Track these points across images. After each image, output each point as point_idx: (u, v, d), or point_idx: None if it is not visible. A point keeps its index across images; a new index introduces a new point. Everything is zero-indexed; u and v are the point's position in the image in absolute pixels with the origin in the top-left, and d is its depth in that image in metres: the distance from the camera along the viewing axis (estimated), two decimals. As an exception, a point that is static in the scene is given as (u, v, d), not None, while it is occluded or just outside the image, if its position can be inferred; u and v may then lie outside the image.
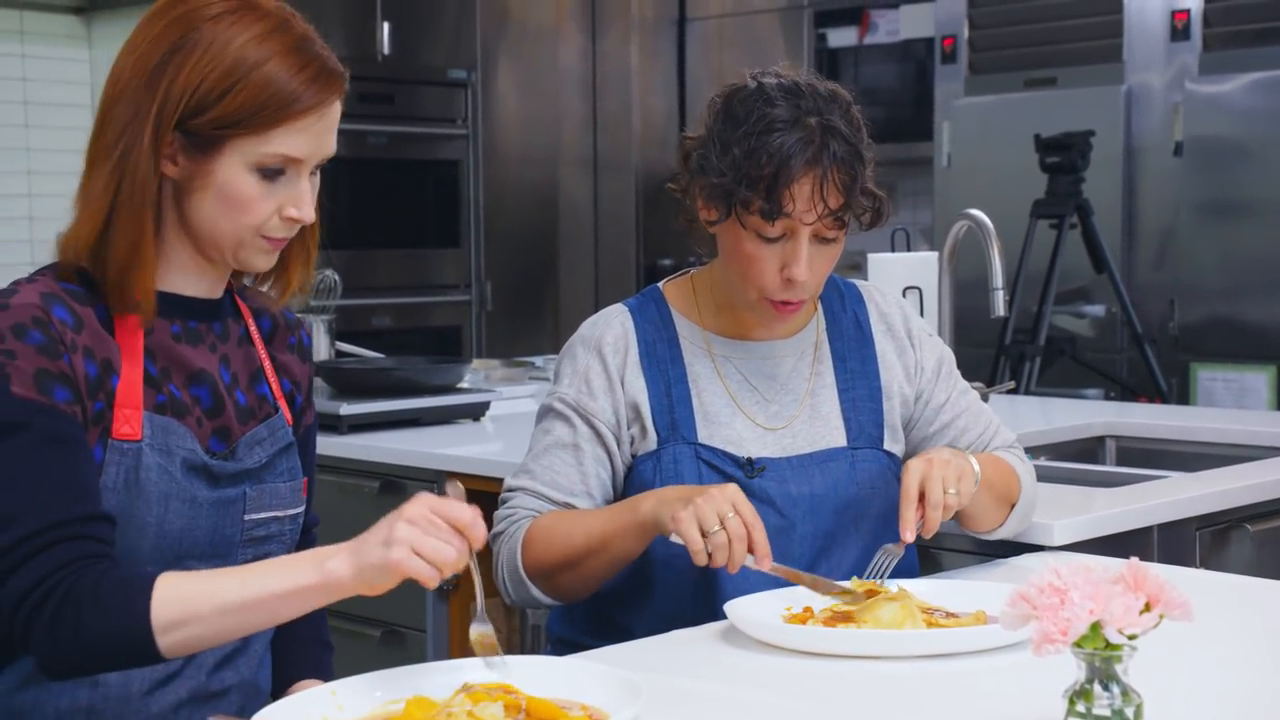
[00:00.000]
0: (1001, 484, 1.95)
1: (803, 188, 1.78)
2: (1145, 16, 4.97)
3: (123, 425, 1.51)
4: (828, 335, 1.99)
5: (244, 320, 1.68)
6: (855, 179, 1.80)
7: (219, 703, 1.59)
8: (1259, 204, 4.75)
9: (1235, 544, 2.41)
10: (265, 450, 1.62)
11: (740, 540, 1.68)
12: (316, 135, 1.55)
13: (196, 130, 1.50)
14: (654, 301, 1.98)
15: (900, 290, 2.96)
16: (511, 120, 6.09)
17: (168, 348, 1.57)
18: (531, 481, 1.92)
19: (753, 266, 1.83)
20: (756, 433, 1.92)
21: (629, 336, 1.94)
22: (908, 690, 1.54)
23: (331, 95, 1.55)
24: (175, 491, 1.53)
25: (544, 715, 1.38)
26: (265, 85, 1.50)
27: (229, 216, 1.53)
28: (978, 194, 4.59)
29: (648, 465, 1.90)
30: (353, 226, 5.57)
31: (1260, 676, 1.59)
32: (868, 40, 6.03)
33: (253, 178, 1.52)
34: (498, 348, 5.78)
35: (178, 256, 1.58)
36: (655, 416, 1.91)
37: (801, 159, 1.77)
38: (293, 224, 1.57)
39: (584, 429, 1.92)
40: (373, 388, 3.21)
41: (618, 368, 1.92)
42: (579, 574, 1.85)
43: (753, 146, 1.79)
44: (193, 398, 1.58)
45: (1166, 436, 3.13)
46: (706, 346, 1.95)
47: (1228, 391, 4.76)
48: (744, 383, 1.94)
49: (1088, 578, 1.20)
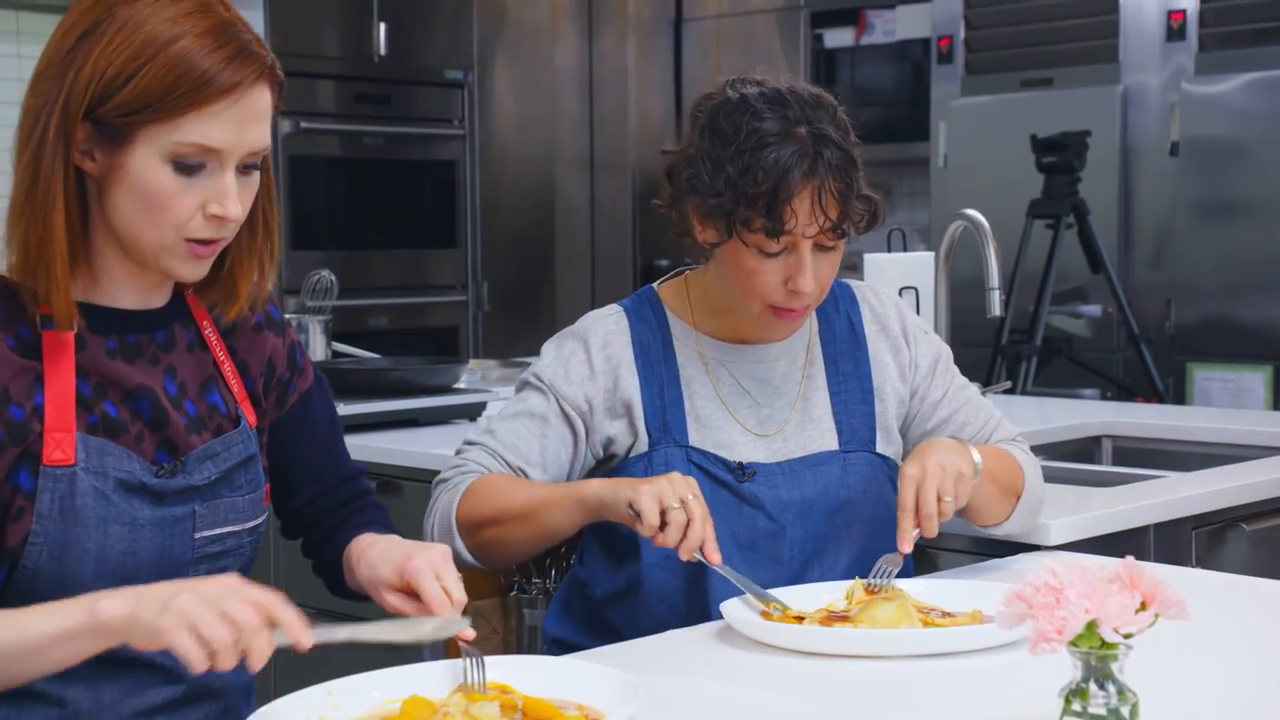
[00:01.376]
0: (1006, 475, 1.93)
1: (802, 202, 1.77)
2: (1141, 17, 4.98)
3: (54, 450, 1.45)
4: (820, 338, 1.99)
5: (195, 324, 1.59)
6: (851, 186, 1.79)
7: (203, 705, 1.56)
8: (1255, 204, 4.75)
9: (1231, 543, 2.42)
10: (218, 465, 1.55)
11: (701, 521, 1.67)
12: (235, 123, 1.43)
13: (105, 119, 1.41)
14: (649, 303, 1.98)
15: (897, 290, 2.96)
16: (508, 121, 6.09)
17: (101, 365, 1.49)
18: (491, 440, 1.92)
19: (756, 280, 1.82)
20: (748, 438, 1.92)
21: (624, 335, 1.94)
22: (904, 690, 1.54)
23: (248, 77, 1.43)
24: (113, 515, 1.47)
25: (540, 715, 1.38)
26: (174, 65, 1.40)
27: (147, 215, 1.43)
28: (974, 194, 4.59)
29: (639, 467, 1.90)
30: (349, 227, 5.57)
31: (1256, 675, 1.59)
32: (864, 41, 6.03)
33: (168, 170, 1.42)
34: (495, 348, 5.78)
35: (109, 265, 1.50)
36: (648, 418, 1.91)
37: (799, 172, 1.76)
38: (218, 223, 1.45)
39: (553, 405, 1.92)
40: (369, 388, 3.21)
41: (602, 360, 1.92)
42: (503, 534, 1.84)
43: (747, 164, 1.77)
44: (132, 413, 1.50)
45: (1163, 436, 3.14)
46: (699, 350, 1.95)
47: (1224, 391, 4.76)
48: (736, 387, 1.94)
49: (1083, 577, 1.20)
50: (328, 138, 5.47)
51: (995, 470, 1.90)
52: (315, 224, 5.48)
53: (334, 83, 5.48)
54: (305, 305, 3.47)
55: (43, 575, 1.46)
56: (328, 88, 5.47)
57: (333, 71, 5.47)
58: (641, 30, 6.53)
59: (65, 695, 1.49)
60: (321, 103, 5.44)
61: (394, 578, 1.55)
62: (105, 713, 1.50)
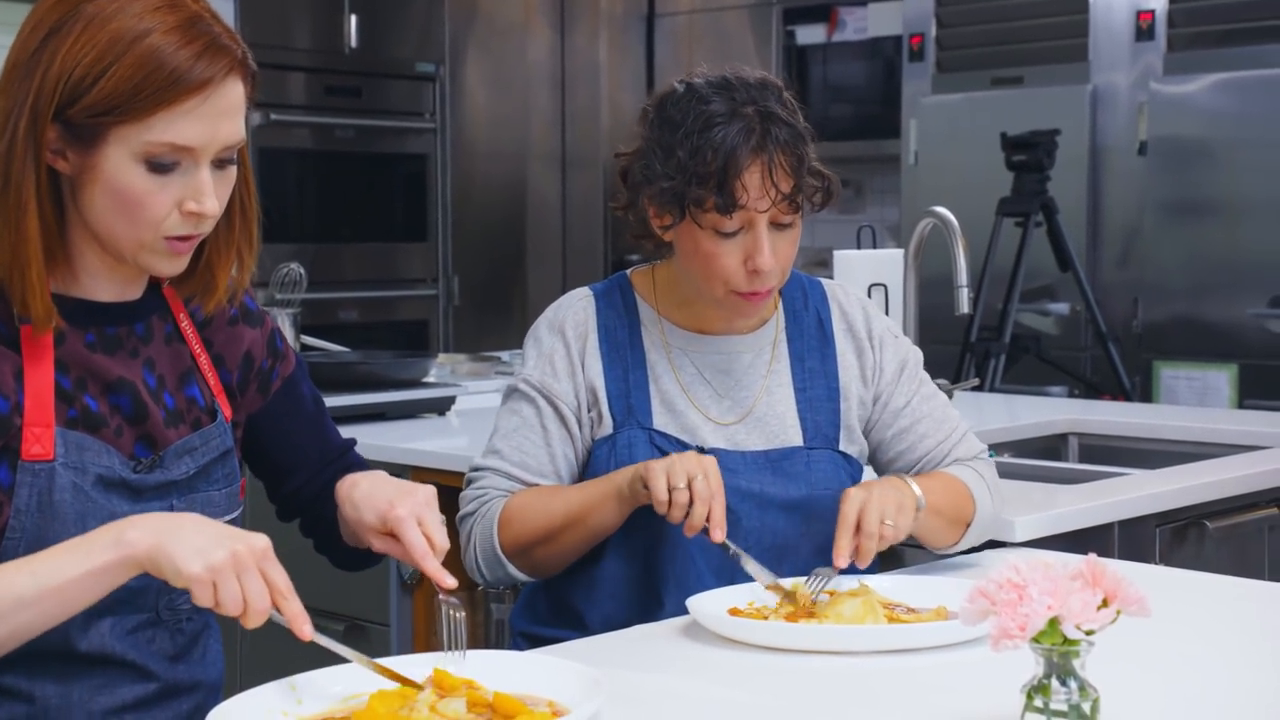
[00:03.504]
0: (951, 508, 1.93)
1: (752, 176, 1.78)
2: (1111, 17, 5.00)
3: (33, 445, 1.43)
4: (787, 334, 1.99)
5: (172, 316, 1.57)
6: (801, 159, 1.81)
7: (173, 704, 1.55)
8: (1222, 204, 4.78)
9: (1195, 541, 2.43)
10: (195, 460, 1.54)
11: (703, 501, 1.71)
12: (208, 120, 1.40)
13: (75, 119, 1.38)
14: (619, 288, 1.99)
15: (866, 288, 2.97)
16: (480, 114, 6.08)
17: (81, 358, 1.48)
18: (500, 462, 1.93)
19: (714, 263, 1.83)
20: (709, 426, 1.93)
21: (589, 321, 1.95)
22: (868, 685, 1.55)
23: (219, 72, 1.40)
24: (92, 510, 1.46)
25: (508, 710, 1.37)
26: (142, 63, 1.37)
27: (123, 215, 1.41)
28: (944, 192, 4.61)
29: (603, 449, 1.91)
30: (319, 220, 5.55)
31: (1216, 672, 1.60)
32: (836, 38, 6.04)
33: (141, 170, 1.39)
34: (465, 342, 5.77)
35: (86, 259, 1.48)
36: (611, 401, 1.92)
37: (747, 148, 1.78)
38: (196, 220, 1.43)
39: (548, 409, 1.93)
40: (338, 381, 3.20)
41: (579, 352, 1.93)
42: (556, 547, 1.87)
43: (696, 145, 1.79)
44: (111, 406, 1.49)
45: (1129, 434, 3.16)
46: (663, 337, 1.96)
47: (1190, 389, 4.80)
48: (698, 376, 1.95)
49: (1046, 574, 1.21)
50: (298, 130, 5.45)
51: (941, 505, 1.90)
52: (285, 216, 5.46)
53: (305, 75, 5.46)
54: (274, 298, 3.45)
55: None
56: (298, 80, 5.44)
57: (303, 64, 5.45)
58: (614, 25, 6.53)
59: (34, 691, 1.47)
60: (292, 95, 5.42)
61: (377, 523, 1.55)
62: (75, 710, 1.49)
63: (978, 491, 1.97)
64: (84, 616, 1.46)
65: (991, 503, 1.99)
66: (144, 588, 1.47)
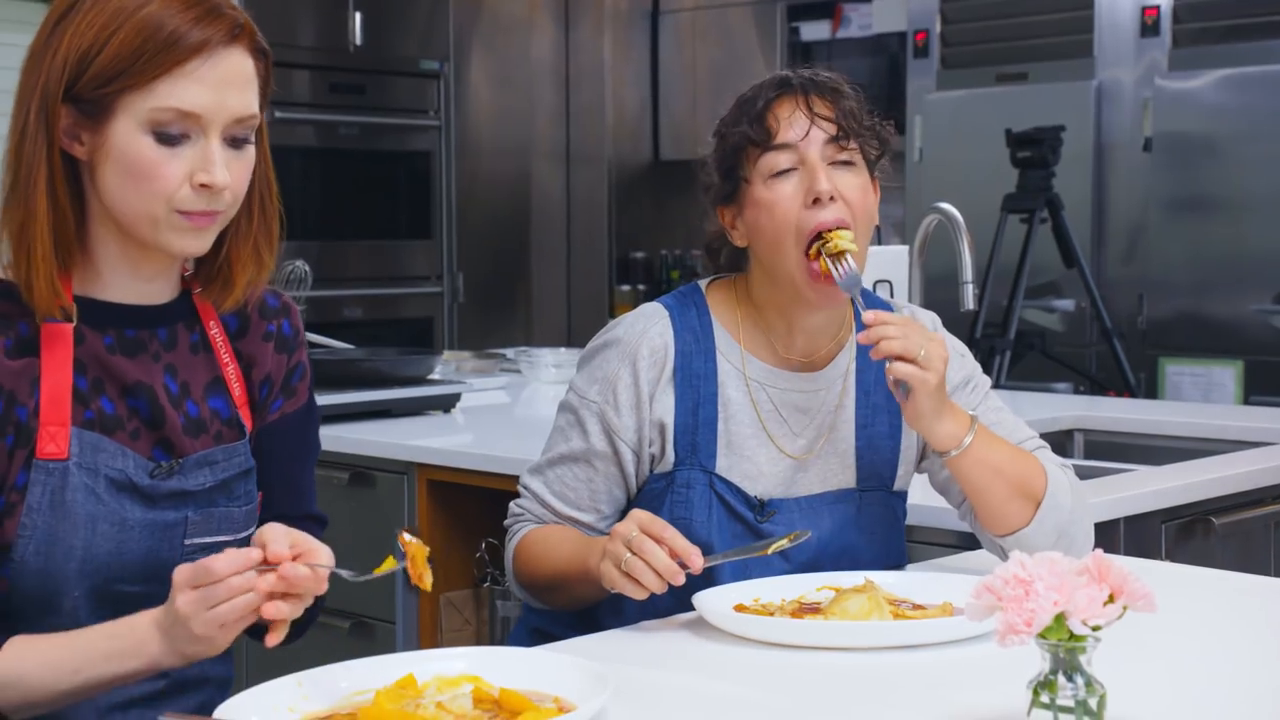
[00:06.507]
0: (1015, 472, 1.80)
1: (784, 106, 1.82)
2: (1115, 12, 4.99)
3: (48, 444, 1.44)
4: (856, 364, 1.93)
5: (200, 324, 1.57)
6: (840, 93, 1.85)
7: (181, 699, 1.56)
8: (1227, 200, 4.78)
9: (1200, 537, 2.43)
10: (215, 474, 1.53)
11: (652, 554, 1.64)
12: (212, 86, 1.42)
13: (83, 95, 1.41)
14: (695, 306, 1.91)
15: (871, 284, 2.97)
16: (484, 112, 6.08)
17: (100, 359, 1.48)
18: (542, 488, 1.91)
19: (778, 209, 1.80)
20: (777, 466, 1.88)
21: (667, 350, 1.86)
22: (874, 681, 1.55)
23: (218, 34, 1.42)
24: (102, 513, 1.46)
25: (514, 706, 1.38)
26: (143, 28, 1.40)
27: (134, 187, 1.42)
28: (949, 188, 4.61)
29: (660, 483, 1.87)
30: (324, 217, 5.55)
31: (1222, 668, 1.60)
32: (840, 34, 6.04)
33: (149, 141, 1.41)
34: (470, 339, 5.77)
35: (108, 255, 1.49)
36: (678, 436, 1.86)
37: (787, 90, 1.83)
38: (208, 193, 1.43)
39: (601, 445, 1.87)
40: (343, 379, 3.20)
41: (649, 383, 1.86)
42: (553, 597, 1.89)
43: (742, 99, 1.85)
44: (129, 409, 1.49)
45: (1134, 430, 3.15)
46: (743, 368, 1.89)
47: (1195, 386, 4.79)
48: (774, 413, 1.89)
49: (1052, 569, 1.21)
50: (303, 127, 5.45)
51: (1000, 462, 1.79)
52: (290, 214, 5.43)
53: (309, 72, 5.46)
54: (279, 296, 3.45)
55: (28, 569, 1.45)
56: (303, 77, 5.45)
57: (308, 61, 5.45)
58: (618, 22, 6.52)
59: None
60: (297, 92, 5.42)
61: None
62: (84, 704, 1.49)
63: (1053, 473, 1.84)
64: (92, 614, 1.47)
65: (1072, 495, 1.85)
66: (151, 594, 1.47)
